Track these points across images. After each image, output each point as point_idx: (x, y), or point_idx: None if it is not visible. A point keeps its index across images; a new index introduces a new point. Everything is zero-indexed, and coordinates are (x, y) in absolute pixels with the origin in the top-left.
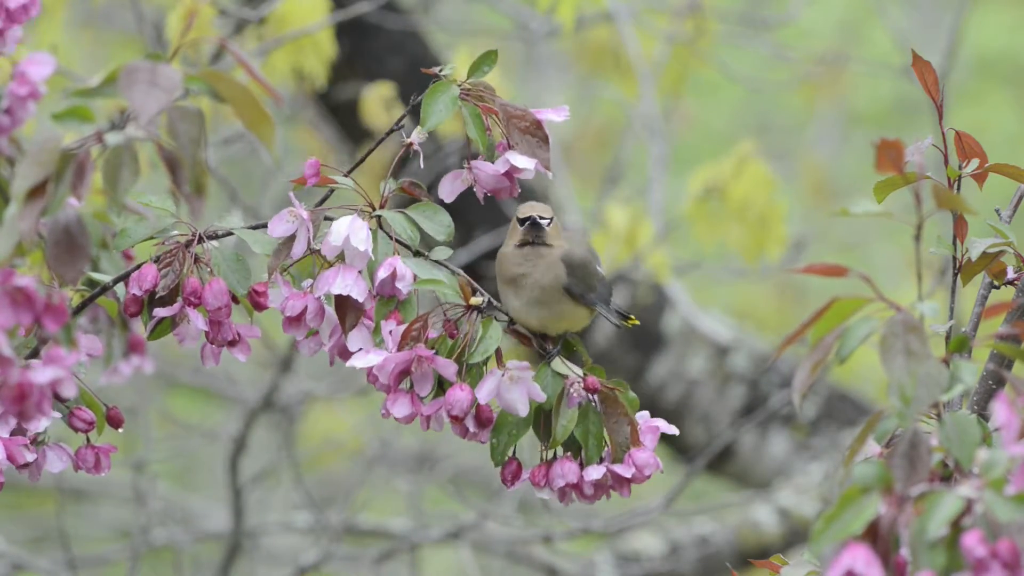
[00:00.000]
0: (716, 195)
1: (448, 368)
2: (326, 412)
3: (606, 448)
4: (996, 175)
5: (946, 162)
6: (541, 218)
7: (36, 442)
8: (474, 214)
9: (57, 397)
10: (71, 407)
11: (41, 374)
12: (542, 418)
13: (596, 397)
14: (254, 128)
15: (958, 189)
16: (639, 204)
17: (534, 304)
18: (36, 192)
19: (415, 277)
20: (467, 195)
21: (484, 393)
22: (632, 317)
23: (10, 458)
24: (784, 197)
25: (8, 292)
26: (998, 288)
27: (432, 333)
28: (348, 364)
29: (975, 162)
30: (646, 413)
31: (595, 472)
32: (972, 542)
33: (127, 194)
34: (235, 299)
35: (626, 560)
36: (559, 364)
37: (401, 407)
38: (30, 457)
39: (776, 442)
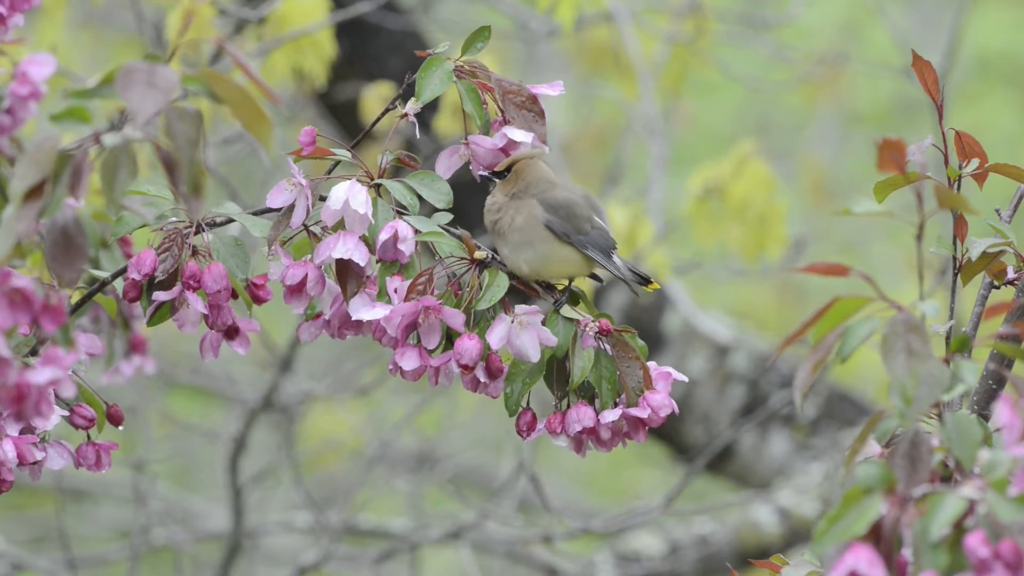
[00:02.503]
0: (716, 195)
1: (455, 318)
2: (326, 412)
3: (621, 395)
4: (996, 175)
5: (946, 162)
6: (488, 174)
7: (39, 440)
8: (474, 214)
9: (56, 396)
10: (72, 404)
11: (39, 375)
12: (554, 367)
13: (607, 342)
14: (252, 129)
15: (958, 189)
16: (639, 204)
17: (518, 246)
18: (34, 193)
19: (417, 232)
20: (467, 195)
21: (495, 338)
22: (653, 282)
23: (20, 457)
24: (784, 197)
25: (6, 293)
26: (998, 288)
27: (437, 290)
28: (354, 317)
29: (975, 162)
30: (654, 363)
31: (611, 415)
32: (975, 543)
33: (124, 195)
34: (234, 294)
35: (626, 560)
36: (568, 310)
37: (409, 360)
38: (39, 456)
39: (776, 442)
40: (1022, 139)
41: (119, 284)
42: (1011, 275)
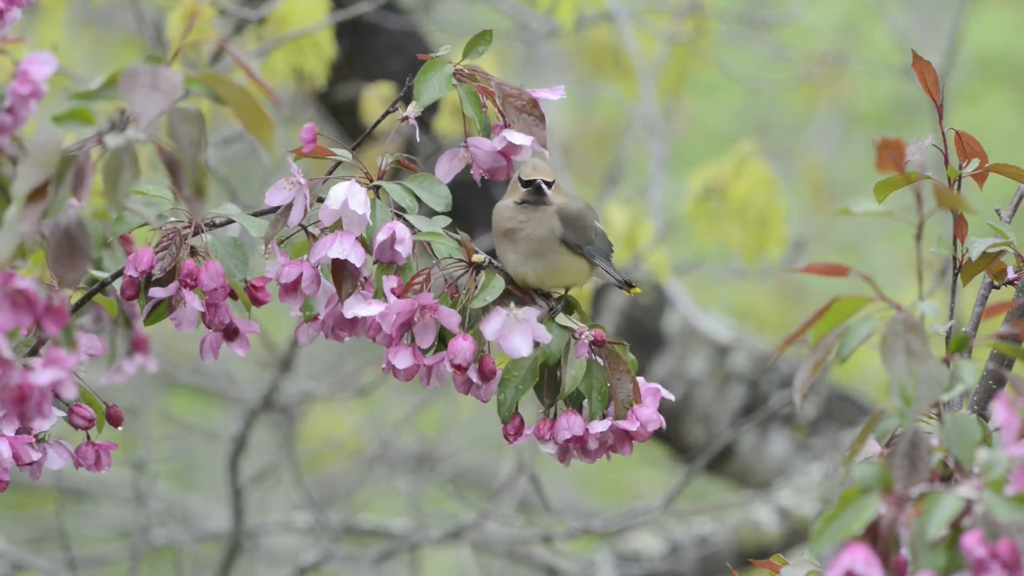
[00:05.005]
0: (716, 195)
1: (451, 318)
2: (326, 412)
3: (609, 405)
4: (996, 175)
5: (946, 162)
6: (545, 182)
7: (38, 440)
8: (474, 214)
9: (57, 397)
10: (71, 404)
11: (41, 376)
12: (545, 376)
13: (599, 354)
14: (254, 130)
15: (958, 189)
16: (639, 204)
17: (529, 256)
18: (37, 194)
19: (414, 231)
20: (467, 195)
21: (490, 330)
22: (636, 286)
23: (16, 456)
24: (784, 197)
25: (8, 294)
26: (998, 288)
27: (433, 292)
28: (348, 314)
29: (975, 162)
30: (642, 379)
31: (600, 425)
32: (972, 542)
33: (127, 196)
34: (233, 295)
35: (626, 560)
36: (563, 318)
37: (403, 359)
38: (35, 456)
39: (776, 442)
40: (1022, 139)
41: (120, 283)
42: (1011, 275)
